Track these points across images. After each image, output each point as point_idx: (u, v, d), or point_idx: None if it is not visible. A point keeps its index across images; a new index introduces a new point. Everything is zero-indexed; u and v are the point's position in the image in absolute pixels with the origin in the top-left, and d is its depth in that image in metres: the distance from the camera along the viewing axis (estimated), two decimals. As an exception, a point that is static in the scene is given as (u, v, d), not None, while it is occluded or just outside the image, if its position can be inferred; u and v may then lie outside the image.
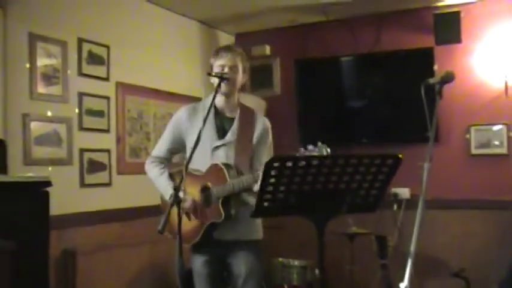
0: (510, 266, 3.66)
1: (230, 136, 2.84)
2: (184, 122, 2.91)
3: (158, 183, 2.93)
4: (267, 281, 3.43)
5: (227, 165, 2.74)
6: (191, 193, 2.78)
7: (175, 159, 3.10)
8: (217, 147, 2.82)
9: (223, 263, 2.88)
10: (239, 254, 2.83)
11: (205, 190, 2.77)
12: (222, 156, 2.80)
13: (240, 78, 2.89)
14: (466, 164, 4.82)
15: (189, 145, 2.85)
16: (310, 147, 2.37)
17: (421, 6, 4.89)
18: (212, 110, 2.83)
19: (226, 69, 2.81)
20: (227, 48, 2.92)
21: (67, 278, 3.77)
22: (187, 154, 2.84)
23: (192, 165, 2.70)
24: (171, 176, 2.92)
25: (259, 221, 2.92)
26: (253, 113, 2.95)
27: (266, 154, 2.87)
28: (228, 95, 2.87)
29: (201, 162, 2.77)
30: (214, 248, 2.83)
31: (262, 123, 2.93)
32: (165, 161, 3.00)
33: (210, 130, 2.82)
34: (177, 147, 2.98)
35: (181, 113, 2.96)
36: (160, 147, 3.01)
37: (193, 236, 2.80)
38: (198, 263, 2.88)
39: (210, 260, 2.86)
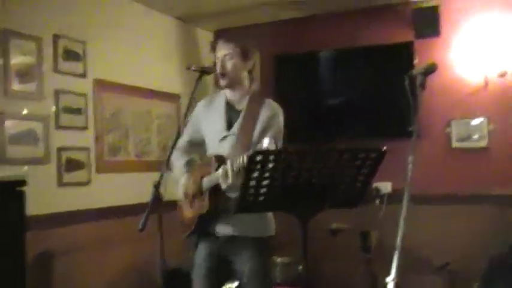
0: (489, 260, 3.69)
1: (235, 128, 2.80)
2: (200, 113, 2.95)
3: (174, 172, 2.94)
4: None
5: (219, 157, 2.70)
6: (194, 181, 2.80)
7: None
8: (223, 138, 2.80)
9: (225, 259, 2.80)
10: (243, 252, 2.75)
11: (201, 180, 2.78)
12: (226, 148, 2.77)
13: (240, 66, 2.80)
14: (447, 157, 4.83)
15: (205, 136, 2.90)
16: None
17: (400, 0, 4.89)
18: (224, 102, 2.87)
19: (220, 61, 2.78)
20: (222, 39, 2.86)
21: (45, 281, 3.69)
22: (206, 146, 2.90)
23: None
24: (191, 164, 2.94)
25: (270, 216, 2.81)
26: (261, 102, 2.83)
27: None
28: (230, 87, 2.83)
29: (211, 152, 2.82)
30: (217, 242, 2.79)
31: (268, 109, 2.79)
32: (186, 153, 2.99)
33: (220, 121, 2.84)
34: (197, 139, 2.98)
35: (199, 104, 3.00)
36: (182, 139, 3.01)
37: (190, 226, 2.80)
38: (200, 256, 2.84)
39: (212, 254, 2.82)
